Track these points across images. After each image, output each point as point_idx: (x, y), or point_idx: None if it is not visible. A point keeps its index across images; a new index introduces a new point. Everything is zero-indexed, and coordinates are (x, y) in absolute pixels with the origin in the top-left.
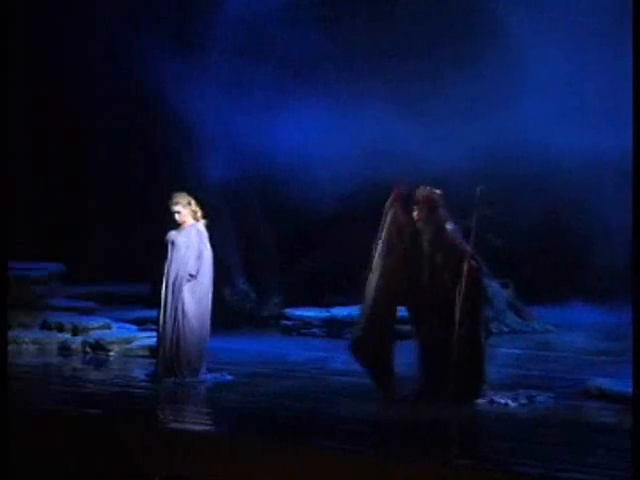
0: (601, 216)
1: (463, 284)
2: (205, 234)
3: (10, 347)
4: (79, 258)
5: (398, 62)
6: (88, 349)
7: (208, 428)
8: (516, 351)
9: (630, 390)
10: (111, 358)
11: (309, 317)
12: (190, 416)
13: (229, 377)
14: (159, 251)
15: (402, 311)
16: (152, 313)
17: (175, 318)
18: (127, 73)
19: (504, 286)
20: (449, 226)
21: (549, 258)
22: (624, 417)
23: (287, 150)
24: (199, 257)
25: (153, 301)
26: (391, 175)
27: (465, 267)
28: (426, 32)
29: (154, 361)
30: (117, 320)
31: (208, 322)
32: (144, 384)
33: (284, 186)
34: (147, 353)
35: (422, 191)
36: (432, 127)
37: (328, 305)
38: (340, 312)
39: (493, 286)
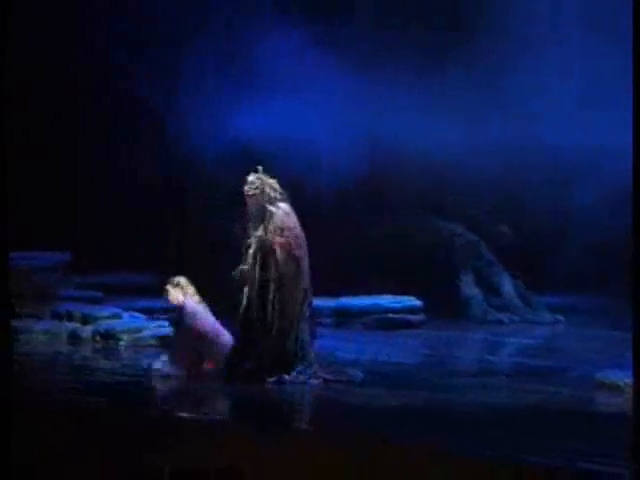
0: (611, 212)
1: (272, 260)
2: None
3: (21, 337)
4: (88, 247)
5: (398, 51)
6: (98, 338)
7: (216, 418)
8: (525, 341)
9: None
10: (121, 347)
11: (317, 306)
12: (199, 406)
13: None
14: (167, 240)
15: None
16: (160, 303)
17: None
18: (108, 71)
19: (515, 277)
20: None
21: (560, 250)
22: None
23: (295, 135)
24: None
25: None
26: (392, 166)
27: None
28: (430, 22)
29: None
30: (126, 309)
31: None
32: (154, 374)
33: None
34: (156, 342)
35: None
36: (436, 119)
37: (337, 295)
38: (349, 302)
39: (504, 276)
